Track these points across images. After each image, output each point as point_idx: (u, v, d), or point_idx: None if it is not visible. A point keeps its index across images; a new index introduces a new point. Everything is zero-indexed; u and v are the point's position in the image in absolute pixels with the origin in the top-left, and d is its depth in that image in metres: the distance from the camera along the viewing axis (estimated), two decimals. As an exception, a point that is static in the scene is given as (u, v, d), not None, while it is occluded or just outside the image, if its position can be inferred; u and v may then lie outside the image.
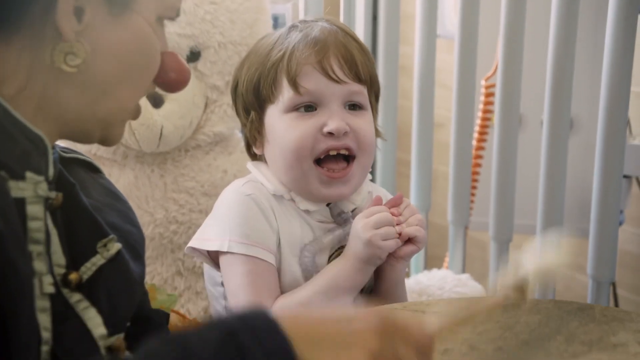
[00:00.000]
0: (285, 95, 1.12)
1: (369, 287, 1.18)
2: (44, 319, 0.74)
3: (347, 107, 1.13)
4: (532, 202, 1.61)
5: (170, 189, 1.48)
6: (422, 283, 1.60)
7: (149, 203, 1.46)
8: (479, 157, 1.77)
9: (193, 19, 1.43)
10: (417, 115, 1.75)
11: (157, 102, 1.43)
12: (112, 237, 0.85)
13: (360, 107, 1.14)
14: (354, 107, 1.14)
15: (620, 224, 1.55)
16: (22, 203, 0.73)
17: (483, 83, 1.73)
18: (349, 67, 1.12)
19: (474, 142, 1.75)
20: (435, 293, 1.57)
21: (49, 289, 0.75)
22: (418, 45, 1.73)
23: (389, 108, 1.77)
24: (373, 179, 1.29)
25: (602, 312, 1.02)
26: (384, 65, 1.78)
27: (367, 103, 1.15)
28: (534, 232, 1.60)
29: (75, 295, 0.79)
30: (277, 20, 1.73)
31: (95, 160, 0.97)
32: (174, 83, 0.85)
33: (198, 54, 1.45)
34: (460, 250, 1.76)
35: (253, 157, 1.21)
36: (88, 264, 0.81)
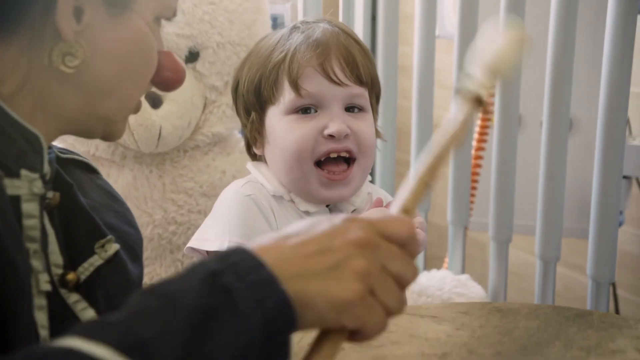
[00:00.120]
0: (286, 97, 1.12)
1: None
2: (41, 317, 0.74)
3: (348, 109, 1.13)
4: (531, 202, 1.61)
5: (169, 190, 1.47)
6: (421, 284, 1.60)
7: (148, 204, 1.46)
8: (479, 157, 1.76)
9: (192, 20, 1.43)
10: (416, 116, 1.75)
11: (155, 102, 1.43)
12: (110, 237, 0.84)
13: (361, 109, 1.14)
14: (355, 109, 1.14)
15: (620, 225, 1.55)
16: (17, 201, 0.73)
17: (482, 83, 1.73)
18: (351, 69, 1.12)
19: (474, 142, 1.75)
20: (435, 294, 1.57)
21: (46, 287, 0.75)
22: (417, 46, 1.72)
23: (389, 108, 1.77)
24: (372, 180, 1.29)
25: (600, 318, 1.02)
26: (383, 66, 1.78)
27: (368, 105, 1.15)
28: (534, 232, 1.60)
29: (73, 296, 0.79)
30: (276, 21, 1.73)
31: (94, 161, 0.97)
32: (170, 82, 0.85)
33: (197, 55, 1.45)
34: (460, 251, 1.76)
35: (253, 157, 1.21)
36: (86, 265, 0.81)
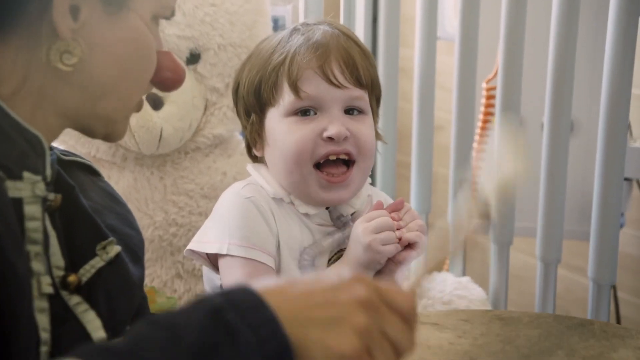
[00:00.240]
0: (286, 99, 1.12)
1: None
2: (43, 320, 0.74)
3: (347, 111, 1.13)
4: (532, 204, 1.61)
5: (170, 192, 1.47)
6: (422, 286, 1.60)
7: (149, 205, 1.46)
8: (480, 159, 1.76)
9: (192, 21, 1.43)
10: (417, 118, 1.75)
11: (156, 104, 1.42)
12: (111, 239, 0.84)
13: (361, 111, 1.14)
14: (355, 111, 1.13)
15: (621, 227, 1.55)
16: (19, 203, 0.73)
17: (484, 85, 1.73)
18: (350, 72, 1.12)
19: (475, 144, 1.75)
20: (436, 296, 1.57)
21: (47, 290, 0.74)
22: (418, 48, 1.72)
23: (389, 110, 1.77)
24: (373, 182, 1.29)
25: (602, 327, 1.02)
26: (384, 68, 1.78)
27: (367, 108, 1.15)
28: (535, 234, 1.59)
29: (74, 298, 0.79)
30: (277, 22, 1.72)
31: (95, 163, 0.97)
32: (170, 82, 0.85)
33: (198, 56, 1.45)
34: (461, 253, 1.75)
35: (254, 159, 1.21)
36: (87, 267, 0.81)
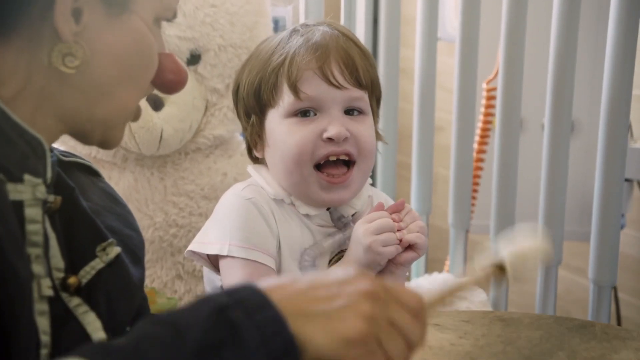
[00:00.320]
0: (286, 100, 1.12)
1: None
2: (43, 323, 0.74)
3: (347, 112, 1.13)
4: (533, 205, 1.61)
5: (170, 192, 1.47)
6: (422, 287, 1.60)
7: (149, 206, 1.46)
8: (480, 160, 1.76)
9: (193, 22, 1.43)
10: (417, 118, 1.75)
11: (157, 105, 1.42)
12: (111, 241, 0.84)
13: (361, 112, 1.14)
14: (355, 112, 1.13)
15: (622, 228, 1.55)
16: (20, 206, 0.73)
17: (484, 86, 1.73)
18: (350, 72, 1.12)
19: (475, 145, 1.75)
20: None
21: (48, 292, 0.74)
22: (419, 48, 1.72)
23: (390, 111, 1.77)
24: (373, 183, 1.29)
25: (603, 329, 1.02)
26: (385, 68, 1.78)
27: (367, 108, 1.15)
28: (535, 235, 1.59)
29: (75, 299, 0.79)
30: (277, 23, 1.72)
31: (95, 164, 0.97)
32: (172, 84, 0.85)
33: (198, 57, 1.45)
34: (461, 254, 1.75)
35: (254, 160, 1.21)
36: (87, 268, 0.81)
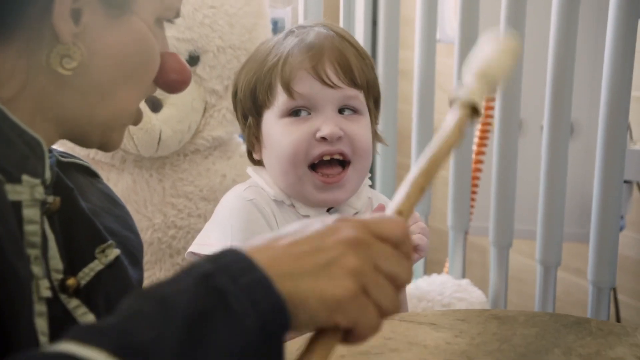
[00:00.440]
0: (280, 100, 1.12)
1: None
2: (41, 324, 0.73)
3: (342, 111, 1.12)
4: (532, 207, 1.61)
5: (169, 194, 1.47)
6: (421, 288, 1.60)
7: (148, 208, 1.46)
8: (479, 162, 1.76)
9: (192, 23, 1.42)
10: (417, 120, 1.75)
11: (155, 106, 1.42)
12: (110, 242, 0.84)
13: (356, 111, 1.13)
14: (349, 111, 1.13)
15: (621, 230, 1.55)
16: (18, 206, 0.73)
17: (483, 88, 1.72)
18: (344, 72, 1.11)
19: (474, 146, 1.75)
20: (435, 298, 1.57)
21: (46, 293, 0.74)
22: (418, 50, 1.72)
23: (389, 112, 1.77)
24: (373, 184, 1.28)
25: (598, 325, 1.02)
26: (384, 70, 1.78)
27: (363, 108, 1.14)
28: (534, 237, 1.59)
29: (73, 301, 0.78)
30: (276, 25, 1.72)
31: (94, 165, 0.97)
32: (176, 84, 0.85)
33: (197, 59, 1.45)
34: (460, 256, 1.75)
35: (254, 162, 1.20)
36: (86, 270, 0.81)
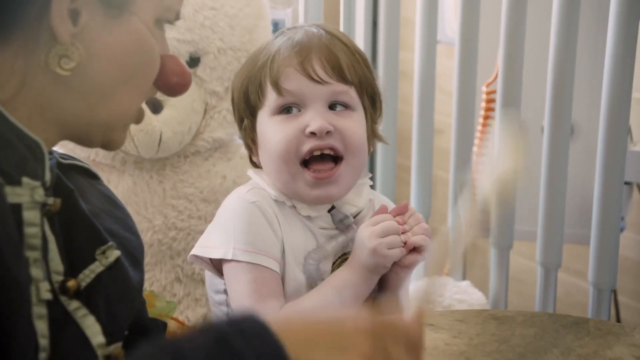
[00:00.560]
0: (270, 99, 1.12)
1: (373, 295, 1.17)
2: (41, 326, 0.73)
3: (332, 107, 1.12)
4: (532, 208, 1.61)
5: (169, 195, 1.47)
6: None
7: (148, 209, 1.45)
8: (480, 163, 1.76)
9: (192, 25, 1.42)
10: (417, 121, 1.74)
11: (156, 107, 1.42)
12: (111, 244, 0.84)
13: (346, 107, 1.13)
14: (341, 107, 1.13)
15: (622, 231, 1.54)
16: (18, 209, 0.73)
17: (484, 89, 1.73)
18: (332, 67, 1.11)
19: (475, 148, 1.75)
20: (436, 300, 1.57)
21: (46, 296, 0.74)
22: (418, 51, 1.72)
23: (389, 113, 1.77)
24: (373, 185, 1.28)
25: (597, 325, 1.02)
26: (384, 71, 1.78)
27: (354, 103, 1.13)
28: (535, 238, 1.59)
29: (74, 303, 0.78)
30: (277, 26, 1.72)
31: (94, 167, 0.97)
32: (176, 86, 0.85)
33: (197, 60, 1.45)
34: (461, 257, 1.75)
35: (254, 166, 1.21)
36: (86, 271, 0.80)
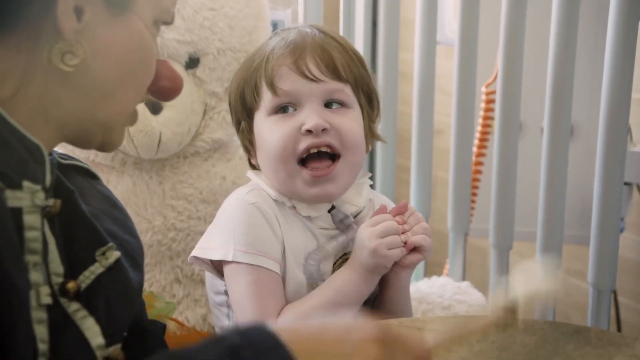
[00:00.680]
0: (266, 99, 1.12)
1: (374, 295, 1.17)
2: (41, 331, 0.73)
3: (328, 105, 1.12)
4: (532, 209, 1.61)
5: (169, 196, 1.47)
6: (422, 291, 1.59)
7: (147, 210, 1.45)
8: (479, 163, 1.76)
9: (192, 26, 1.42)
10: (417, 122, 1.74)
11: (155, 108, 1.42)
12: (111, 245, 0.83)
13: (342, 105, 1.13)
14: (337, 105, 1.13)
15: (621, 232, 1.54)
16: (19, 213, 0.72)
17: (483, 90, 1.73)
18: (326, 65, 1.11)
19: (474, 148, 1.75)
20: (435, 301, 1.56)
21: (46, 300, 0.74)
22: (418, 52, 1.72)
23: (389, 114, 1.77)
24: (373, 185, 1.28)
25: (598, 335, 1.02)
26: (384, 72, 1.78)
27: (350, 101, 1.14)
28: (534, 239, 1.59)
29: (73, 305, 0.78)
30: (276, 27, 1.72)
31: (94, 167, 0.96)
32: (167, 91, 0.85)
33: (197, 61, 1.45)
34: (461, 258, 1.75)
35: (253, 168, 1.21)
36: (86, 273, 0.80)
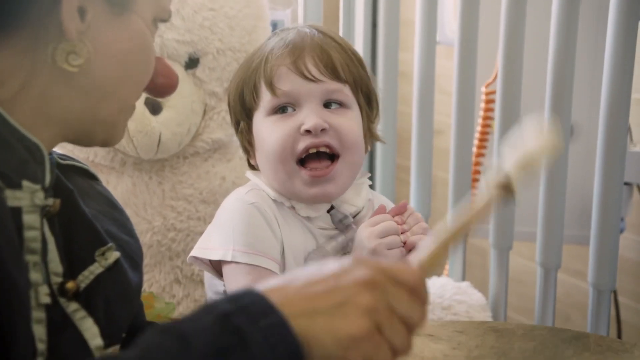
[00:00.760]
0: (265, 99, 1.12)
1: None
2: (40, 331, 0.73)
3: (327, 105, 1.12)
4: (532, 209, 1.61)
5: (169, 196, 1.47)
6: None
7: (147, 210, 1.45)
8: (479, 163, 1.76)
9: (192, 26, 1.42)
10: (416, 122, 1.74)
11: (155, 109, 1.42)
12: (110, 245, 0.83)
13: (341, 105, 1.13)
14: (336, 105, 1.13)
15: (621, 232, 1.54)
16: (18, 212, 0.72)
17: (483, 90, 1.73)
18: (325, 65, 1.11)
19: (474, 148, 1.75)
20: (435, 301, 1.56)
21: (45, 300, 0.74)
22: (418, 52, 1.72)
23: (389, 114, 1.77)
24: (373, 185, 1.28)
25: (597, 341, 1.02)
26: (384, 72, 1.78)
27: (349, 101, 1.14)
28: (534, 239, 1.59)
29: (72, 305, 0.78)
30: (276, 27, 1.72)
31: (93, 168, 0.96)
32: (163, 87, 0.85)
33: (197, 61, 1.44)
34: (460, 258, 1.75)
35: (252, 169, 1.21)
36: (86, 273, 0.80)
